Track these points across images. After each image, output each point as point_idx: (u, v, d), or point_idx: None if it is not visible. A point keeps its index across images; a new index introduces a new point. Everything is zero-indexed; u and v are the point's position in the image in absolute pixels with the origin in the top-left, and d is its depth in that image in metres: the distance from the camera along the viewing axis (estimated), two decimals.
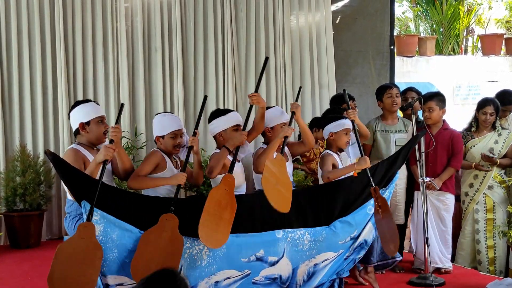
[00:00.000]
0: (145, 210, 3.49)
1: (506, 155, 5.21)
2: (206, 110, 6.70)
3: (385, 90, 5.33)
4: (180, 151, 3.92)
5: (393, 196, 4.52)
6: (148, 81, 6.76)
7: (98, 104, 3.92)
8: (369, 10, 7.94)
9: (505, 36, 11.58)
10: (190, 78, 6.85)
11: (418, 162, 4.64)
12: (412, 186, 5.12)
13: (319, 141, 5.13)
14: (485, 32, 12.63)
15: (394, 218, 5.07)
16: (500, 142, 5.21)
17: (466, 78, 10.89)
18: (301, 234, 3.80)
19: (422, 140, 4.56)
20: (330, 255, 3.88)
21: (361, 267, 4.38)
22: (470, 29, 12.40)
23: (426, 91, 5.37)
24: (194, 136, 3.76)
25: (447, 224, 4.92)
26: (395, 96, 5.26)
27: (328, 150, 4.28)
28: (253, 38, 7.07)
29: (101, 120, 3.77)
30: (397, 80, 8.17)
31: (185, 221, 3.49)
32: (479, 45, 11.77)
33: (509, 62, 11.09)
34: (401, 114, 5.78)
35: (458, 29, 11.86)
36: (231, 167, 3.68)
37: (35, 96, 6.29)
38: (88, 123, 3.73)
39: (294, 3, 7.34)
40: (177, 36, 6.74)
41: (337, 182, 4.06)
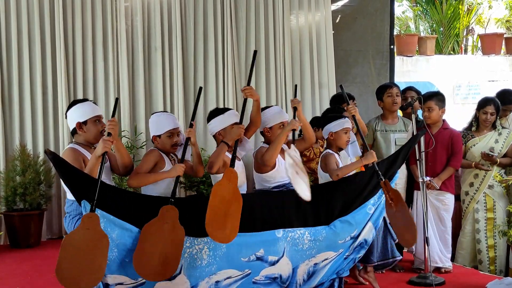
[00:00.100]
0: (145, 210, 3.48)
1: (506, 155, 5.21)
2: (206, 109, 6.74)
3: (385, 89, 5.33)
4: (177, 150, 3.93)
5: None
6: (148, 80, 6.75)
7: (95, 103, 3.92)
8: (369, 10, 7.94)
9: (505, 35, 11.58)
10: (190, 77, 6.84)
11: (417, 162, 4.64)
12: (411, 185, 5.12)
13: (319, 140, 5.12)
14: (485, 31, 12.62)
15: None
16: (500, 141, 5.21)
17: (466, 77, 10.88)
18: (301, 234, 3.80)
19: (422, 139, 4.56)
20: (330, 255, 3.88)
21: (360, 267, 4.38)
22: (470, 28, 12.39)
23: (426, 91, 5.37)
24: (191, 127, 3.77)
25: (447, 224, 4.92)
26: (395, 95, 5.26)
27: (328, 150, 4.28)
28: (253, 38, 7.06)
29: (98, 119, 3.77)
30: (397, 79, 8.17)
31: (185, 220, 3.49)
32: (479, 44, 11.76)
33: (509, 61, 11.08)
34: (400, 114, 5.78)
35: (458, 28, 11.86)
36: (232, 163, 3.68)
37: (35, 95, 6.29)
38: (85, 123, 3.73)
39: (294, 3, 7.33)
40: (177, 35, 6.74)
41: (337, 181, 4.06)
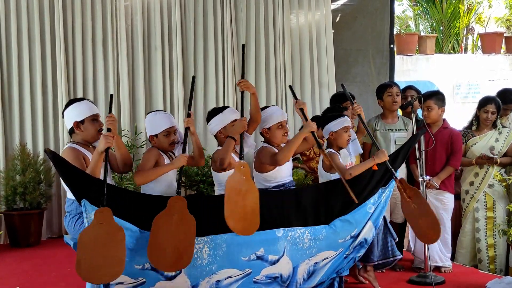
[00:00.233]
0: (145, 209, 3.48)
1: (506, 154, 5.21)
2: (206, 108, 6.73)
3: (385, 88, 5.32)
4: (175, 148, 3.93)
5: (392, 194, 4.51)
6: (148, 80, 6.76)
7: (92, 102, 3.93)
8: (369, 9, 7.94)
9: (505, 34, 11.58)
10: (190, 77, 6.83)
11: (417, 161, 4.64)
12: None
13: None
14: (485, 30, 12.63)
15: (393, 217, 5.11)
16: (500, 140, 5.21)
17: (466, 76, 10.88)
18: (301, 233, 3.79)
19: (422, 138, 4.56)
20: (330, 254, 3.88)
21: (361, 266, 4.38)
22: (470, 27, 12.40)
23: (426, 90, 5.36)
24: (189, 117, 3.78)
25: (446, 223, 4.91)
26: (396, 94, 5.26)
27: (330, 149, 4.27)
28: (253, 37, 7.06)
29: (95, 118, 3.78)
30: (397, 78, 8.16)
31: None
32: (479, 43, 11.76)
33: (509, 60, 11.08)
34: (400, 113, 5.77)
35: (458, 27, 11.86)
36: (241, 156, 3.67)
37: (35, 95, 6.29)
38: (82, 122, 3.74)
39: (294, 2, 7.33)
40: (177, 35, 6.74)
41: (337, 181, 4.06)
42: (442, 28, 11.76)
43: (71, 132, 3.77)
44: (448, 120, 5.05)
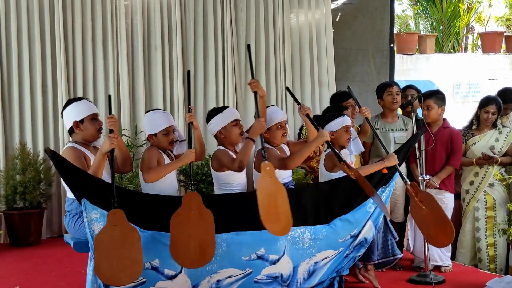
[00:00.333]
0: (145, 208, 3.48)
1: (506, 153, 5.21)
2: (206, 107, 6.73)
3: (385, 88, 5.32)
4: (174, 146, 3.93)
5: (392, 194, 4.52)
6: (148, 79, 6.76)
7: (90, 101, 3.92)
8: (369, 8, 7.94)
9: (505, 34, 11.58)
10: (191, 76, 6.83)
11: (417, 160, 4.63)
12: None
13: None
14: (485, 30, 12.63)
15: (393, 216, 5.11)
16: (500, 140, 5.21)
17: (466, 76, 10.88)
18: (301, 232, 3.79)
19: (422, 138, 4.56)
20: (330, 253, 3.88)
21: (361, 265, 4.38)
22: (470, 27, 12.40)
23: (426, 89, 5.36)
24: (190, 112, 3.78)
25: None
26: (396, 94, 5.26)
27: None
28: (253, 37, 7.06)
29: (94, 117, 3.78)
30: (397, 78, 8.16)
31: None
32: (479, 43, 11.76)
33: (509, 60, 11.08)
34: (400, 112, 5.77)
35: (458, 27, 11.86)
36: (264, 158, 3.67)
37: (35, 94, 6.29)
38: (82, 121, 3.74)
39: (294, 1, 7.33)
40: (177, 34, 6.74)
41: (337, 180, 4.06)
42: (442, 27, 11.76)
43: (71, 132, 3.77)
44: (448, 119, 5.05)
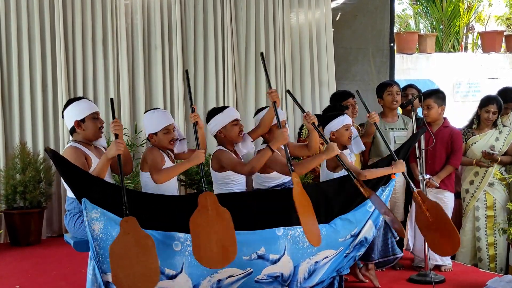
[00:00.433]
0: (145, 208, 3.48)
1: (507, 153, 5.20)
2: (206, 107, 6.73)
3: (385, 87, 5.33)
4: (174, 145, 3.92)
5: (392, 193, 4.52)
6: (148, 79, 6.75)
7: (90, 100, 3.92)
8: (369, 8, 7.93)
9: (505, 33, 11.59)
10: (190, 75, 6.83)
11: (417, 160, 4.63)
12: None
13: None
14: (485, 29, 12.64)
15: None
16: (501, 139, 5.20)
17: (466, 75, 10.89)
18: (301, 232, 3.77)
19: (422, 137, 4.56)
20: (331, 253, 3.88)
21: (361, 264, 4.38)
22: (470, 26, 12.41)
23: (426, 89, 5.36)
24: (193, 112, 3.75)
25: None
26: (396, 93, 5.26)
27: None
28: (253, 36, 7.06)
29: (95, 116, 3.78)
30: (397, 77, 8.17)
31: (185, 218, 3.49)
32: (479, 42, 11.77)
33: (509, 59, 11.09)
34: (400, 111, 5.77)
35: (458, 26, 11.86)
36: (290, 166, 3.67)
37: (35, 93, 6.29)
38: (83, 120, 3.74)
39: (294, 1, 7.32)
40: (177, 33, 6.74)
41: (337, 179, 4.06)
42: (442, 26, 11.77)
43: (72, 131, 3.77)
44: (448, 118, 5.04)
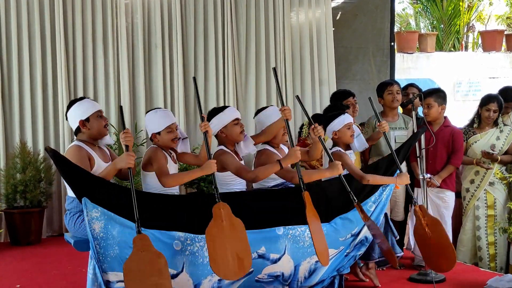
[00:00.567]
0: (146, 207, 3.47)
1: (507, 152, 5.20)
2: (206, 106, 6.73)
3: (386, 86, 5.32)
4: (177, 144, 3.92)
5: (393, 193, 4.52)
6: (148, 77, 6.75)
7: (92, 100, 3.92)
8: (369, 7, 7.93)
9: (505, 32, 11.59)
10: (191, 74, 6.84)
11: (418, 159, 4.63)
12: (412, 182, 5.10)
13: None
14: (485, 28, 12.64)
15: (393, 215, 5.12)
16: (502, 138, 5.20)
17: (467, 74, 10.89)
18: (301, 231, 3.79)
19: (422, 137, 4.55)
20: (331, 252, 3.87)
21: (361, 264, 4.38)
22: (470, 25, 12.41)
23: (427, 88, 5.36)
24: (203, 121, 3.67)
25: (447, 221, 4.92)
26: (396, 93, 5.26)
27: (340, 148, 4.24)
28: (253, 35, 7.06)
29: (99, 114, 3.79)
30: (397, 76, 8.17)
31: (185, 217, 3.49)
32: (480, 41, 11.77)
33: (509, 58, 11.09)
34: (401, 110, 5.77)
35: (459, 25, 11.86)
36: (303, 186, 3.66)
37: (35, 93, 6.29)
38: (87, 120, 3.74)
39: (294, 0, 7.32)
40: (177, 32, 6.74)
41: (337, 179, 4.05)
42: (442, 26, 11.77)
43: (77, 132, 3.77)
44: (448, 117, 5.04)
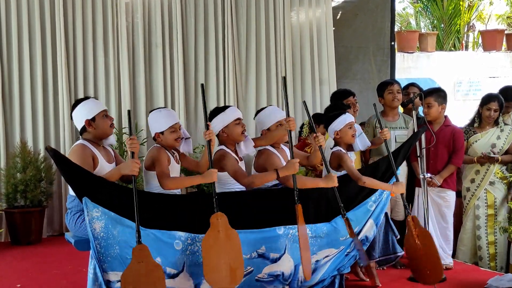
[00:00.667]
0: (147, 206, 3.48)
1: (508, 151, 5.20)
2: (207, 107, 6.70)
3: (386, 86, 5.32)
4: (180, 143, 3.91)
5: None
6: (148, 77, 6.76)
7: (97, 99, 3.93)
8: (369, 6, 7.94)
9: (506, 32, 11.58)
10: (191, 74, 6.84)
11: (418, 158, 4.63)
12: (412, 182, 5.11)
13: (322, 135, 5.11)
14: (486, 28, 12.63)
15: (393, 214, 5.11)
16: (502, 138, 5.20)
17: (467, 74, 10.88)
18: None
19: (423, 136, 4.55)
20: (332, 252, 3.88)
21: (361, 263, 4.37)
22: (471, 25, 12.40)
23: (427, 87, 5.36)
24: (208, 129, 3.66)
25: (448, 220, 4.93)
26: (396, 92, 5.25)
27: (340, 148, 4.24)
28: (253, 34, 7.07)
29: (105, 113, 3.80)
30: (397, 76, 8.17)
31: (186, 217, 3.50)
32: (480, 41, 11.77)
33: (510, 58, 11.08)
34: (401, 110, 5.77)
35: (459, 25, 11.86)
36: (298, 199, 3.67)
37: (36, 92, 6.29)
38: (93, 119, 3.75)
39: None
40: (177, 32, 6.74)
41: (338, 178, 4.05)
42: (443, 25, 11.76)
43: (82, 131, 3.77)
44: (448, 117, 5.04)
